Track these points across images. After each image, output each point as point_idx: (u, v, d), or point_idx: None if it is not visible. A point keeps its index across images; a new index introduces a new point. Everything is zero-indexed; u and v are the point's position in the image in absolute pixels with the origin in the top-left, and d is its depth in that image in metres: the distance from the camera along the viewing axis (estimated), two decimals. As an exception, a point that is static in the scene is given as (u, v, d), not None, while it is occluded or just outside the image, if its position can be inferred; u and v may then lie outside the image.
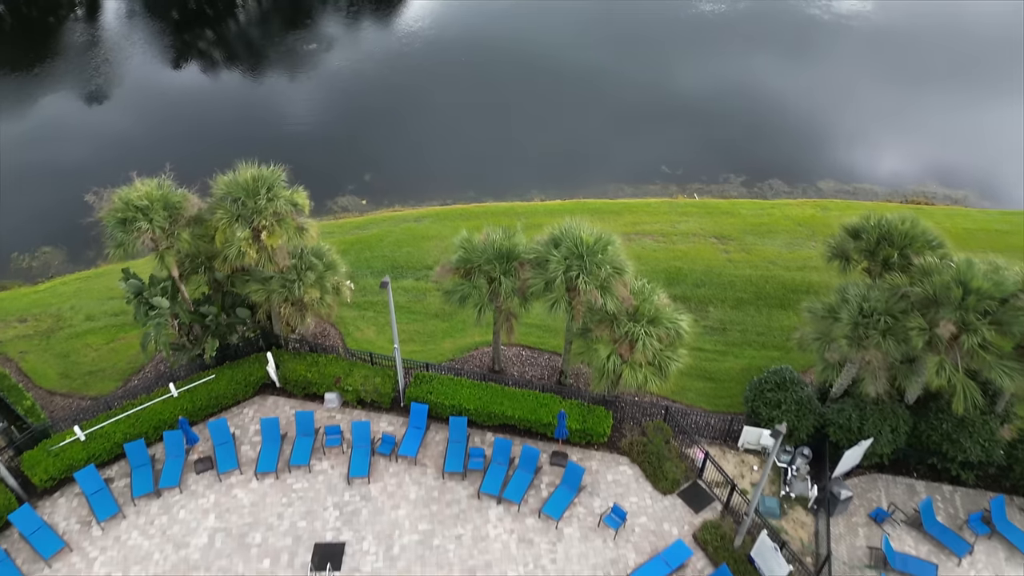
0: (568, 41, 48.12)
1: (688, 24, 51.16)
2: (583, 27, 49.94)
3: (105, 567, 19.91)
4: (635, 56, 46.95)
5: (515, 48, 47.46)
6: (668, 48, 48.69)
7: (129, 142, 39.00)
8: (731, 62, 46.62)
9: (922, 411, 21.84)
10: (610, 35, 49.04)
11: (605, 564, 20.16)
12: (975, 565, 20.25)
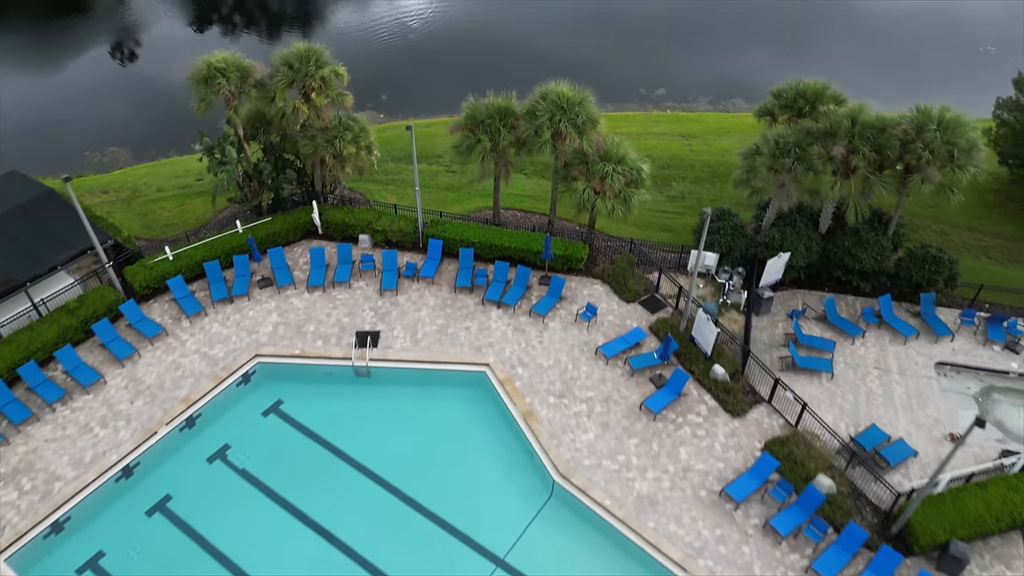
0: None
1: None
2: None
3: (194, 345, 25.87)
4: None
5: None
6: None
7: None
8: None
9: (830, 236, 27.78)
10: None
11: (580, 344, 26.13)
12: (865, 344, 26.25)
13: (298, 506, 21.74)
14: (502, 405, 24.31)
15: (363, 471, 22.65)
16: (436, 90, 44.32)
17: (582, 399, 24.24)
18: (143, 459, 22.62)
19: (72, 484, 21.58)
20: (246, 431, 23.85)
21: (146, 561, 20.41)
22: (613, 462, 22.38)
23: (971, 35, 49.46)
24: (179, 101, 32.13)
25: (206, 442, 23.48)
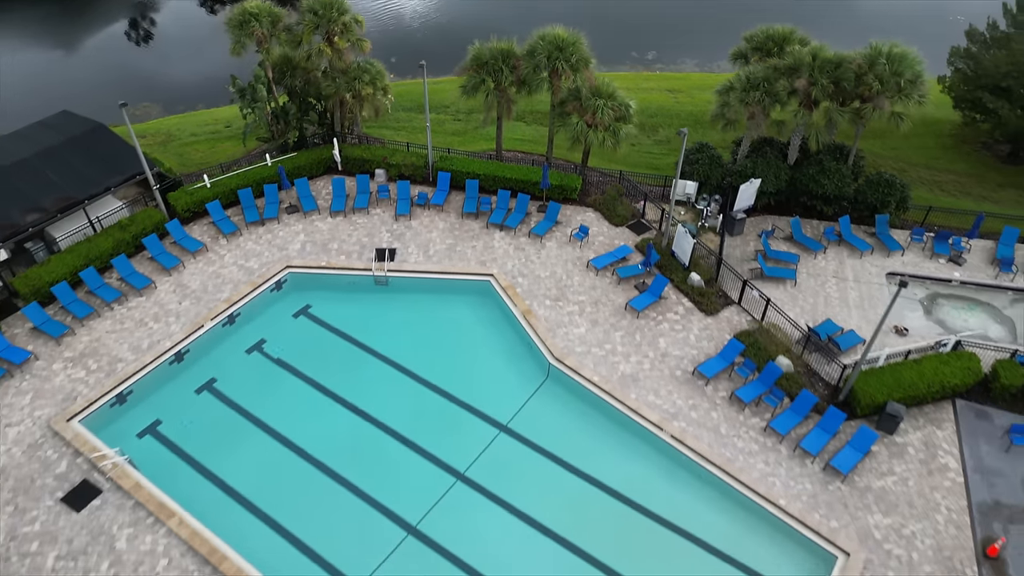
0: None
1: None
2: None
3: (232, 258, 29.20)
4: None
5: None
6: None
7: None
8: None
9: (797, 167, 31.10)
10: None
11: (573, 259, 29.46)
12: (826, 258, 29.60)
13: (327, 386, 25.08)
14: (504, 307, 27.65)
15: (384, 359, 25.99)
16: (441, 53, 47.54)
17: (575, 302, 27.58)
18: (192, 347, 25.96)
19: (132, 365, 24.93)
20: (279, 329, 27.20)
21: (197, 429, 23.73)
22: (601, 349, 25.73)
23: (946, 8, 52.76)
24: (204, 61, 35.43)
25: (245, 336, 26.83)
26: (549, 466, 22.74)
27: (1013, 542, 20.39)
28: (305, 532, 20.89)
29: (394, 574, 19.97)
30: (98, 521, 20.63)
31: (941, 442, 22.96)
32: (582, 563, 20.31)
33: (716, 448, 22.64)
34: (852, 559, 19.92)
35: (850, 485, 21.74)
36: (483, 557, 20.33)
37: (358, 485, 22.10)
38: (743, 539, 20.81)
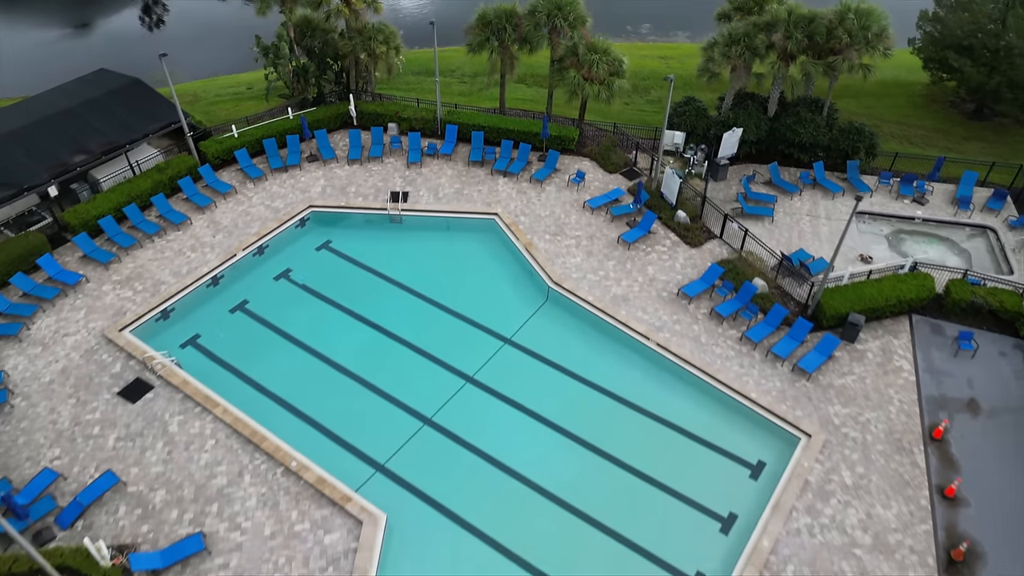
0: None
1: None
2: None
3: (259, 199, 32.00)
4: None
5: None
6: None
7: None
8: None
9: (776, 119, 33.88)
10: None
11: (571, 200, 32.26)
12: (801, 199, 32.41)
13: (348, 307, 27.86)
14: (508, 241, 30.46)
15: (399, 285, 28.78)
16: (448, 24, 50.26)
17: (572, 236, 30.38)
18: (225, 273, 28.78)
19: (173, 287, 27.75)
20: (303, 260, 29.98)
21: (233, 341, 26.52)
22: (595, 275, 28.54)
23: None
24: (224, 34, 38.02)
25: (273, 266, 29.63)
26: (548, 371, 25.54)
27: (955, 426, 23.22)
28: (332, 423, 23.69)
29: (412, 456, 22.78)
30: (151, 410, 23.47)
31: (897, 348, 25.78)
32: (577, 447, 23.11)
33: (697, 354, 25.46)
34: (813, 440, 22.74)
35: (814, 383, 24.57)
36: (490, 441, 23.14)
37: (378, 386, 24.91)
38: (720, 427, 23.62)
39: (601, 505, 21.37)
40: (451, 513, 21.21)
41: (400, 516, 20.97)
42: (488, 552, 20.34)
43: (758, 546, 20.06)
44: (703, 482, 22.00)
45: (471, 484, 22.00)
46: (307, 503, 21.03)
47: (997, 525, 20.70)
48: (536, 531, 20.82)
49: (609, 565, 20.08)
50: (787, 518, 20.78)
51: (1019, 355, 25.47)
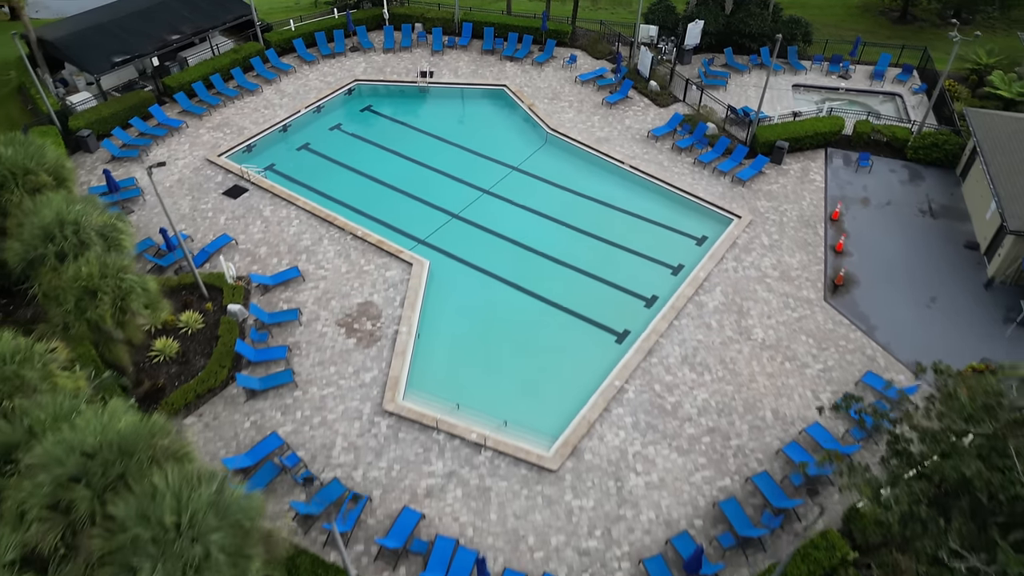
0: None
1: None
2: None
3: (314, 76, 39.87)
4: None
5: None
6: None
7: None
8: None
9: (732, 15, 41.67)
10: None
11: (565, 77, 40.13)
12: (750, 75, 40.28)
13: (389, 146, 35.69)
14: (514, 104, 38.33)
15: (427, 134, 36.55)
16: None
17: (565, 100, 38.24)
18: (292, 123, 36.66)
19: (253, 130, 35.61)
20: (352, 119, 37.83)
21: (301, 169, 34.32)
22: (584, 125, 36.40)
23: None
24: None
25: (328, 121, 37.46)
26: (546, 186, 33.39)
27: (848, 212, 31.14)
28: (384, 215, 31.51)
29: (444, 235, 30.61)
30: (249, 202, 31.39)
31: (813, 168, 33.71)
32: (568, 230, 30.94)
33: (660, 171, 33.37)
34: (743, 219, 30.66)
35: (747, 188, 32.47)
36: (504, 227, 30.99)
37: (415, 194, 32.74)
38: (676, 216, 31.51)
39: (588, 262, 29.24)
40: (472, 264, 29.10)
41: (437, 264, 28.91)
42: (496, 284, 28.26)
43: (695, 276, 28.03)
44: (662, 249, 29.89)
45: (486, 249, 29.88)
46: (371, 254, 28.96)
47: (868, 266, 28.69)
48: (530, 273, 28.71)
49: (595, 293, 27.98)
50: (719, 262, 28.75)
51: (904, 171, 33.39)
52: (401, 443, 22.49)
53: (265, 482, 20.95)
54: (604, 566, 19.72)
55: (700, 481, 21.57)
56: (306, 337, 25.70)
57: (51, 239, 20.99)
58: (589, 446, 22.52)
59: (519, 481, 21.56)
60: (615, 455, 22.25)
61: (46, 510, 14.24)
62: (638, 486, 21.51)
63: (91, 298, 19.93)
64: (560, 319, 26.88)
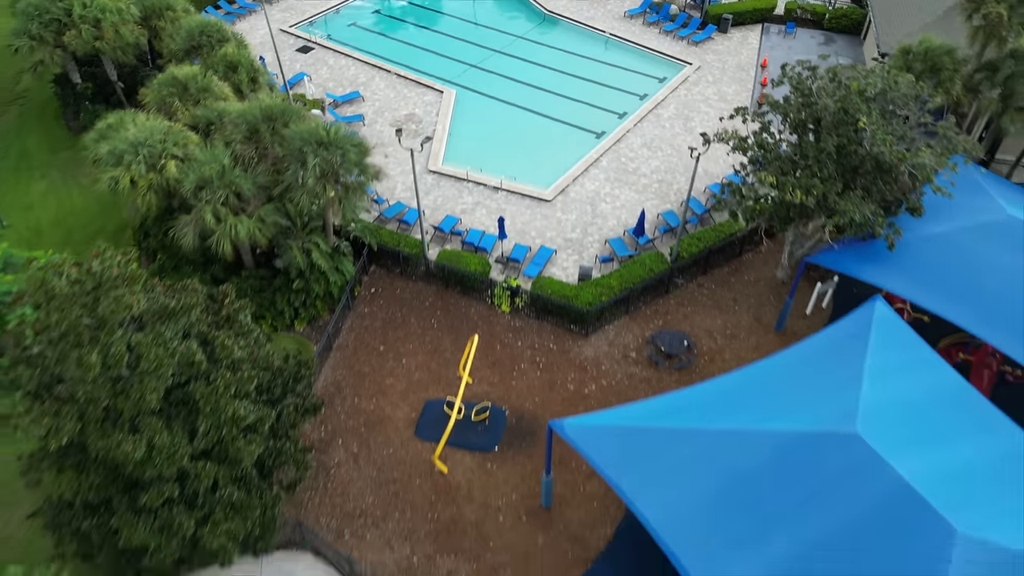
0: None
1: None
2: None
3: (357, -24, 49.38)
4: None
5: None
6: None
7: None
8: None
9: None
10: None
11: (560, -23, 49.62)
12: (709, -24, 49.76)
13: (425, 24, 45.21)
14: (519, -4, 47.92)
15: (455, 16, 46.09)
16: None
17: (560, -7, 47.85)
18: (343, 8, 46.19)
19: (312, 12, 45.15)
20: (391, 8, 47.38)
21: (352, 39, 43.82)
22: (575, 9, 45.92)
23: None
24: None
25: (370, 7, 46.97)
26: (545, 48, 42.94)
27: (773, 61, 40.74)
28: (418, 65, 41.04)
29: (466, 79, 40.12)
30: (315, 56, 41.02)
31: (750, 35, 43.28)
32: (565, 75, 40.51)
33: (635, 37, 42.95)
34: (693, 65, 40.30)
35: (700, 47, 42.06)
36: (511, 73, 40.55)
37: (443, 53, 42.26)
38: (645, 66, 41.10)
39: (576, 92, 38.80)
40: (488, 95, 38.65)
41: (462, 95, 38.50)
42: (507, 107, 37.83)
43: (656, 98, 37.69)
44: (632, 85, 39.44)
45: (499, 86, 39.43)
46: (412, 87, 38.62)
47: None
48: (534, 100, 38.30)
49: (581, 110, 37.55)
50: (673, 90, 38.38)
51: (821, 37, 42.98)
52: (442, 187, 32.23)
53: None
54: (582, 244, 29.50)
55: (650, 206, 31.26)
56: (367, 133, 35.35)
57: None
58: (574, 188, 32.25)
59: (525, 206, 31.30)
60: (591, 193, 31.98)
61: (242, 142, 23.97)
62: (606, 208, 31.25)
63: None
64: (554, 125, 36.51)
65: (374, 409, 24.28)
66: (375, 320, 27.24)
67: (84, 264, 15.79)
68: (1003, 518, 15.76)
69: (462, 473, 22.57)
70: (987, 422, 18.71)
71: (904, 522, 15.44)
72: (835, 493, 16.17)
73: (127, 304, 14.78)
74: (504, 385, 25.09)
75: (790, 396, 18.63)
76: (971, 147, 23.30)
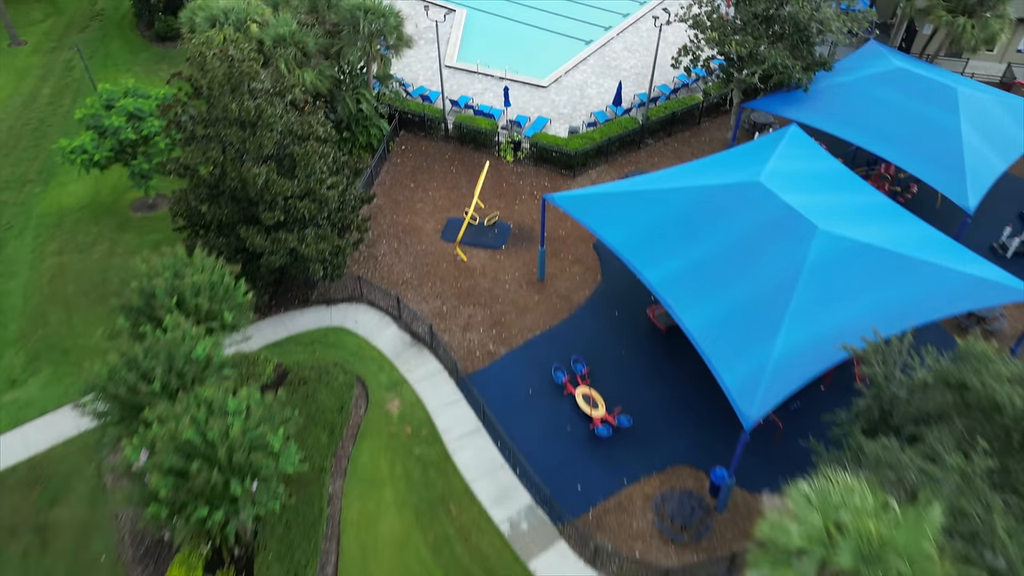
0: None
1: None
2: None
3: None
4: None
5: None
6: None
7: None
8: None
9: None
10: None
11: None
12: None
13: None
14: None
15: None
16: None
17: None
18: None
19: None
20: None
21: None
22: (568, -51, 52.76)
23: None
24: None
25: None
26: (542, -19, 49.89)
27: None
28: (435, -6, 48.00)
29: (473, 3, 47.02)
30: (347, -16, 47.85)
31: (720, -32, 50.12)
32: None
33: (618, -29, 49.77)
34: (669, -9, 47.17)
35: (675, -23, 48.94)
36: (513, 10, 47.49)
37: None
38: (626, -7, 48.00)
39: (568, 11, 45.72)
40: (495, 13, 45.58)
41: (472, 12, 45.41)
42: (511, 23, 44.75)
43: (636, 14, 44.57)
44: (617, 6, 46.33)
45: (503, 5, 46.36)
46: (427, 6, 45.46)
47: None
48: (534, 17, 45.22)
49: (572, 25, 44.44)
50: (651, 8, 45.21)
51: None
52: (457, 78, 39.20)
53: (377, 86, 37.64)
54: (572, 116, 36.51)
55: (626, 91, 38.19)
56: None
57: None
58: (565, 79, 39.24)
59: (525, 91, 38.26)
60: (580, 82, 38.98)
61: (305, 12, 30.88)
62: (592, 92, 38.27)
63: None
64: (550, 36, 43.44)
65: (408, 222, 31.25)
66: (405, 167, 34.21)
67: (222, 49, 22.84)
68: (858, 228, 22.73)
69: (478, 261, 29.55)
70: (864, 190, 25.69)
71: (784, 228, 22.39)
72: (739, 216, 23.13)
73: (255, 71, 21.68)
74: (509, 209, 32.03)
75: (714, 170, 25.62)
76: (867, 13, 30.34)
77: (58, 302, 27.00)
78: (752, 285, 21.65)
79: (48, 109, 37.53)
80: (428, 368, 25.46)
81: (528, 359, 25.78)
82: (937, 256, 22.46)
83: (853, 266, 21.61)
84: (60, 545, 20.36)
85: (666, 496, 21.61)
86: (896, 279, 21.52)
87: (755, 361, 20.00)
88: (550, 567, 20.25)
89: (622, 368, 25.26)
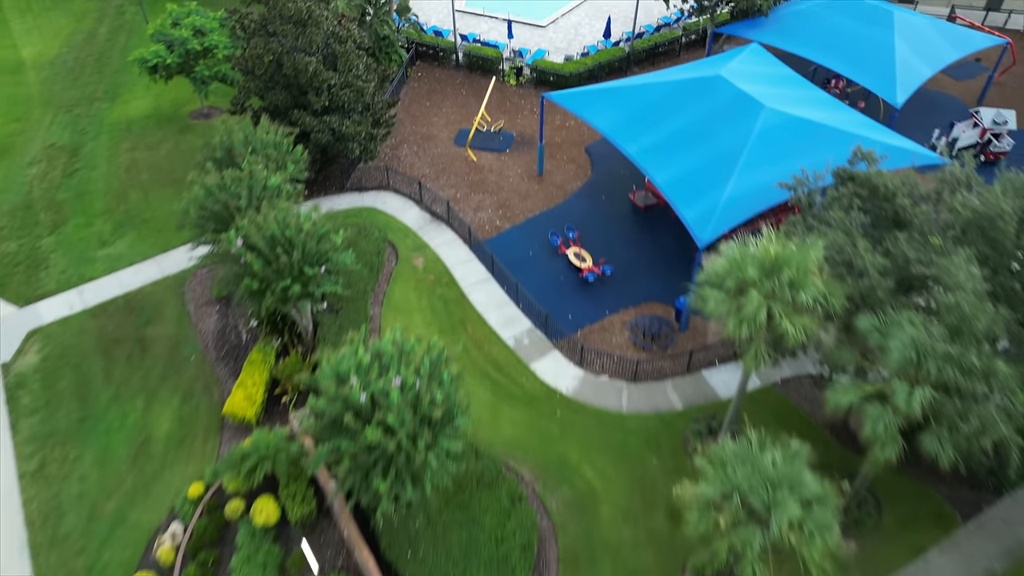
0: None
1: None
2: None
3: None
4: None
5: None
6: None
7: None
8: None
9: None
10: None
11: None
12: None
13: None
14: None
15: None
16: None
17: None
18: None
19: (358, -84, 57.02)
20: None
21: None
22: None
23: None
24: None
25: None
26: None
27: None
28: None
29: (481, -41, 51.98)
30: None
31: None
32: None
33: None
34: (656, -51, 52.19)
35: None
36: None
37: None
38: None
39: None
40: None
41: (478, -32, 50.43)
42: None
43: (625, -32, 49.58)
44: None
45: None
46: (439, -38, 50.44)
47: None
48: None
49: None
50: (639, -37, 50.21)
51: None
52: (465, 19, 44.28)
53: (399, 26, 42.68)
54: (568, 50, 41.53)
55: (615, 28, 43.19)
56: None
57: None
58: (562, 20, 44.42)
59: (526, 29, 43.33)
60: (575, 23, 44.06)
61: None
62: (585, 31, 43.38)
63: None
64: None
65: (425, 132, 36.33)
66: (421, 90, 39.28)
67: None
68: (800, 109, 27.79)
69: (486, 161, 34.61)
70: (811, 88, 30.77)
71: (738, 107, 27.48)
72: (702, 100, 28.25)
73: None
74: (512, 123, 37.09)
75: (684, 72, 30.73)
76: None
77: (135, 185, 32.11)
78: (710, 150, 26.75)
79: (107, 45, 42.54)
80: (446, 237, 30.56)
81: (529, 231, 30.87)
82: (864, 131, 27.53)
83: (792, 134, 26.68)
84: (157, 350, 25.52)
85: (639, 320, 26.76)
86: (828, 145, 26.45)
87: (710, 201, 25.11)
88: (547, 368, 25.38)
89: (608, 235, 30.39)
